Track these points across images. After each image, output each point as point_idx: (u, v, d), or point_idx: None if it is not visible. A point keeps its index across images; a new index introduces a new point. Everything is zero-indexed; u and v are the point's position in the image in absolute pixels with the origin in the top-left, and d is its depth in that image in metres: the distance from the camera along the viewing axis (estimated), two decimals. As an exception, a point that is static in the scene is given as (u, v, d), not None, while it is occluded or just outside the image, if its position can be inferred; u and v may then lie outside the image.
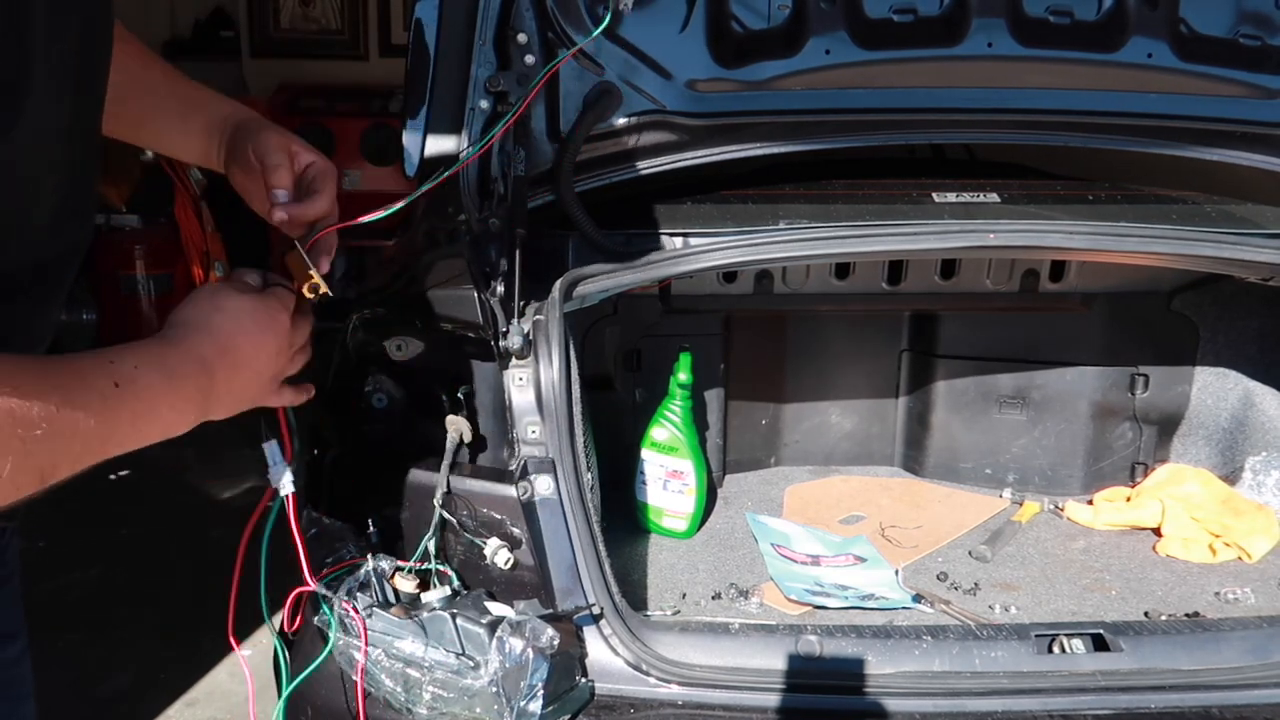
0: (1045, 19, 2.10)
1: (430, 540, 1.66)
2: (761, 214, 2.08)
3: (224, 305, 1.18)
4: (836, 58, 2.10)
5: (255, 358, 1.19)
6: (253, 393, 1.21)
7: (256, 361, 1.20)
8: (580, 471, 1.69)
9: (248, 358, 1.18)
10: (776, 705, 1.57)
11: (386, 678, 1.50)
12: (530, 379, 1.73)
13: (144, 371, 1.06)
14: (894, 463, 2.63)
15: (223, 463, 4.34)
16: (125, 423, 1.04)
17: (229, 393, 1.17)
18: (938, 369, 2.52)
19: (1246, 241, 2.04)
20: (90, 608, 3.40)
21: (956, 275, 2.39)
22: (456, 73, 1.89)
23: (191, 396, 1.12)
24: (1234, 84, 2.14)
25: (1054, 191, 2.29)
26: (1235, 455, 2.43)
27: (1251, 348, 2.43)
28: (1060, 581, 2.09)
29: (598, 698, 1.57)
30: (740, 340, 2.46)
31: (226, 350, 1.16)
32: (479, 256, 1.86)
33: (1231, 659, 1.65)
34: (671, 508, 2.24)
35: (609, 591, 1.63)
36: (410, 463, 1.76)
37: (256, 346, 1.19)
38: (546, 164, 2.00)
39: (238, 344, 1.17)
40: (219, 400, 1.16)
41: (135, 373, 1.05)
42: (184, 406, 1.12)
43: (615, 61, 2.00)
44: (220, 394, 1.16)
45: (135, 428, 1.06)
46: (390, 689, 1.50)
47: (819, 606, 1.95)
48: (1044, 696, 1.58)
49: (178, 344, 1.14)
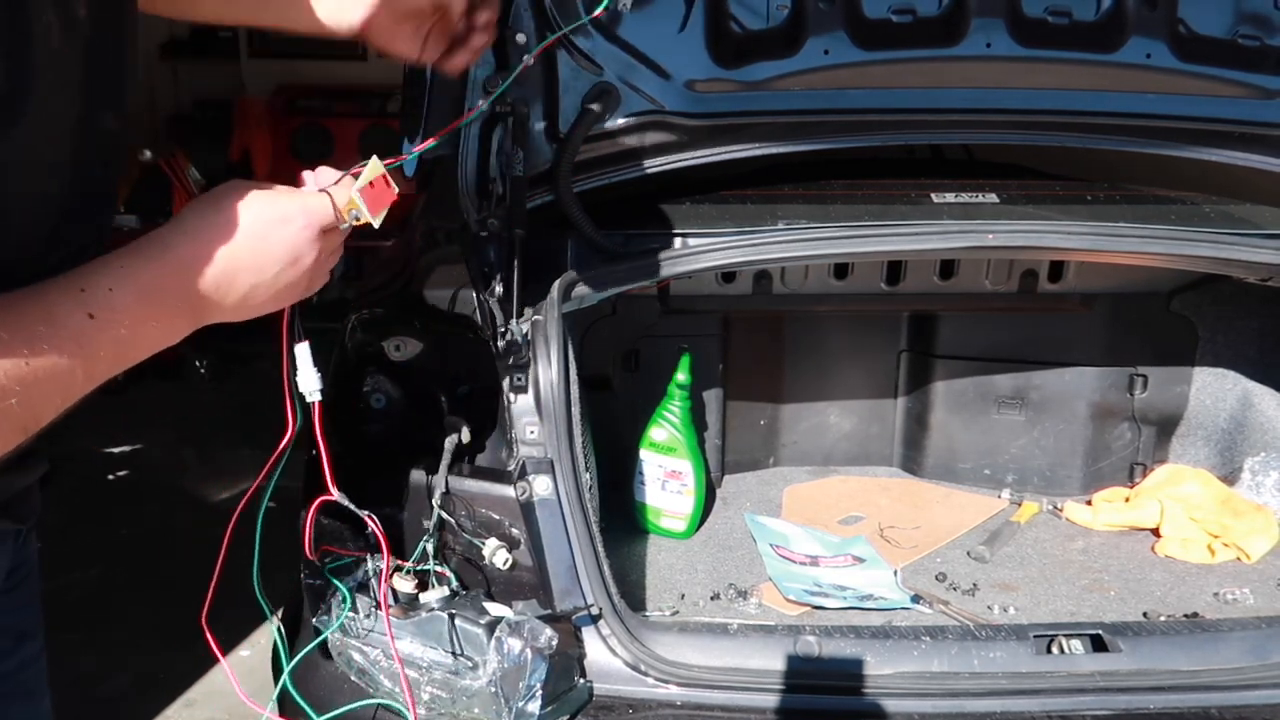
0: (1044, 19, 2.10)
1: (429, 541, 1.65)
2: (760, 214, 2.08)
3: (224, 204, 1.06)
4: (835, 58, 2.09)
5: (260, 268, 1.07)
6: (259, 301, 1.09)
7: (261, 272, 1.07)
8: (579, 472, 1.69)
9: (247, 263, 1.06)
10: (775, 706, 1.57)
11: (385, 678, 1.50)
12: (529, 379, 1.73)
13: (119, 294, 0.98)
14: (893, 463, 2.63)
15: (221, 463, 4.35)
16: (107, 352, 0.97)
17: (227, 299, 1.06)
18: (936, 369, 2.52)
19: (1245, 242, 2.04)
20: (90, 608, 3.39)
21: (955, 275, 2.39)
22: (455, 73, 1.89)
23: (178, 309, 1.03)
24: (1233, 84, 2.14)
25: (1053, 192, 2.29)
26: (1234, 456, 2.43)
27: (1250, 348, 2.43)
28: (1059, 582, 2.09)
29: (596, 698, 1.57)
30: (739, 341, 2.46)
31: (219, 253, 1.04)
32: (478, 257, 1.86)
33: (1230, 659, 1.65)
34: (670, 508, 2.24)
35: (608, 592, 1.63)
36: (409, 463, 1.76)
37: (261, 255, 1.07)
38: (545, 164, 1.99)
39: (235, 247, 1.05)
40: (214, 307, 1.05)
41: (110, 297, 0.97)
42: (170, 321, 1.03)
43: (614, 62, 1.99)
44: (215, 301, 1.05)
45: (119, 353, 0.99)
46: (389, 689, 1.50)
47: (818, 607, 1.95)
48: (1043, 697, 1.58)
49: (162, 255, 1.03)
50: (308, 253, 1.09)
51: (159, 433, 4.52)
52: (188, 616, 1.55)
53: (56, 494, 1.01)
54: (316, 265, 1.11)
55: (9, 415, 0.90)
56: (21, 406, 0.91)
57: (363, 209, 1.13)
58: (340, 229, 1.13)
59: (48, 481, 1.27)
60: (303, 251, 1.08)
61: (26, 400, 0.91)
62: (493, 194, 1.90)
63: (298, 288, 1.11)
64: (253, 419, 4.63)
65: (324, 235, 1.10)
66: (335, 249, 1.15)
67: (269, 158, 6.39)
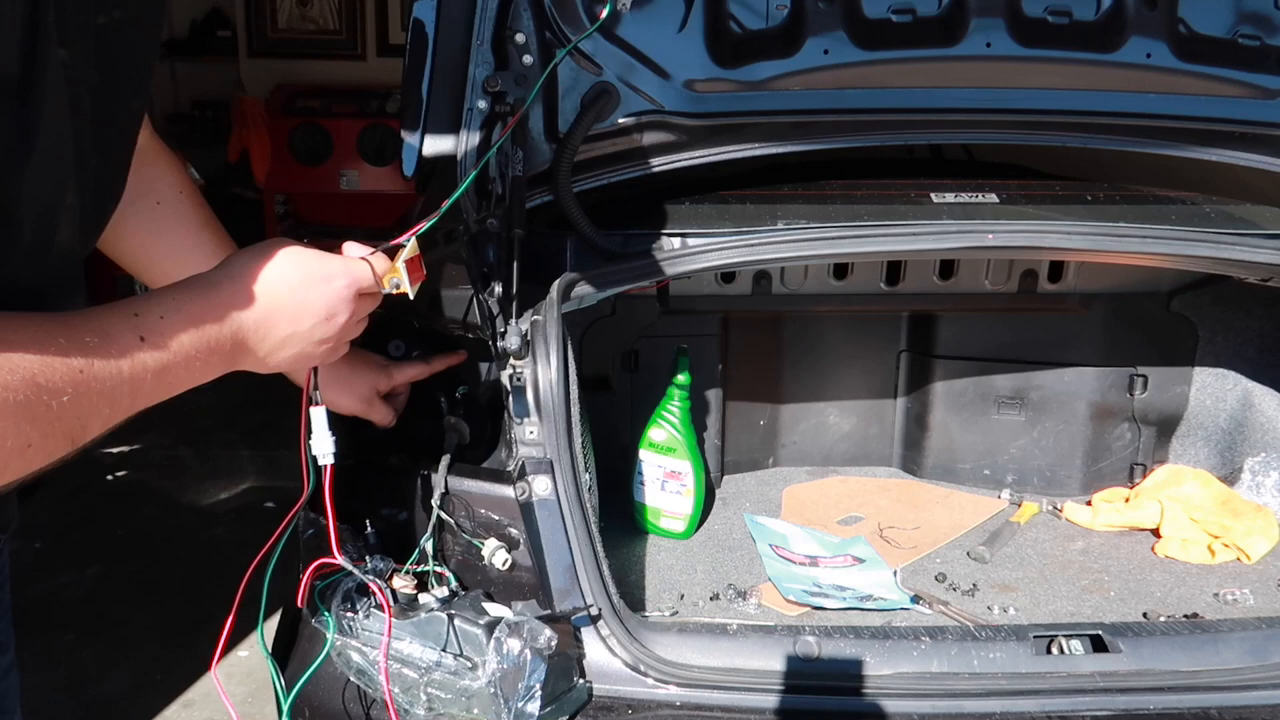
0: (1044, 19, 2.10)
1: (428, 541, 1.65)
2: (760, 214, 2.07)
3: (273, 257, 1.13)
4: (835, 58, 2.09)
5: (298, 318, 1.14)
6: (291, 352, 1.16)
7: (298, 322, 1.14)
8: (578, 472, 1.68)
9: (288, 317, 1.13)
10: (774, 706, 1.57)
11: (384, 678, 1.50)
12: (528, 379, 1.72)
13: (169, 322, 1.04)
14: (892, 463, 2.63)
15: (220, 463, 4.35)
16: (153, 378, 1.02)
17: (263, 344, 1.13)
18: (936, 369, 2.52)
19: (1245, 242, 2.04)
20: (87, 608, 3.40)
21: (955, 276, 2.39)
22: (454, 73, 1.89)
23: (218, 350, 1.08)
24: (1233, 84, 2.14)
25: (1052, 192, 2.29)
26: (1234, 456, 2.43)
27: (1250, 348, 2.43)
28: (1059, 582, 2.09)
29: (595, 698, 1.56)
30: (738, 341, 2.46)
31: (261, 298, 1.11)
32: (477, 257, 1.85)
33: (1230, 660, 1.64)
34: (669, 508, 2.24)
35: (607, 592, 1.62)
36: (408, 463, 1.75)
37: (300, 306, 1.14)
38: (544, 164, 1.99)
39: (277, 295, 1.12)
40: (250, 351, 1.12)
41: (161, 324, 1.03)
42: (210, 359, 1.08)
43: (613, 61, 1.99)
44: (252, 349, 1.12)
45: (162, 381, 1.03)
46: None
47: (817, 607, 1.95)
48: (1042, 698, 1.58)
49: (209, 292, 1.09)
50: (342, 311, 1.17)
51: (156, 434, 4.52)
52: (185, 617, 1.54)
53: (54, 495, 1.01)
54: (346, 325, 1.19)
55: (62, 415, 0.92)
56: (72, 409, 0.93)
57: (404, 278, 1.25)
58: (378, 293, 1.22)
59: (29, 493, 1.27)
60: (338, 309, 1.17)
61: (76, 405, 0.94)
62: (492, 194, 1.89)
63: (326, 344, 1.19)
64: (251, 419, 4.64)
65: (359, 298, 1.19)
66: (364, 316, 1.23)
67: (267, 157, 6.39)
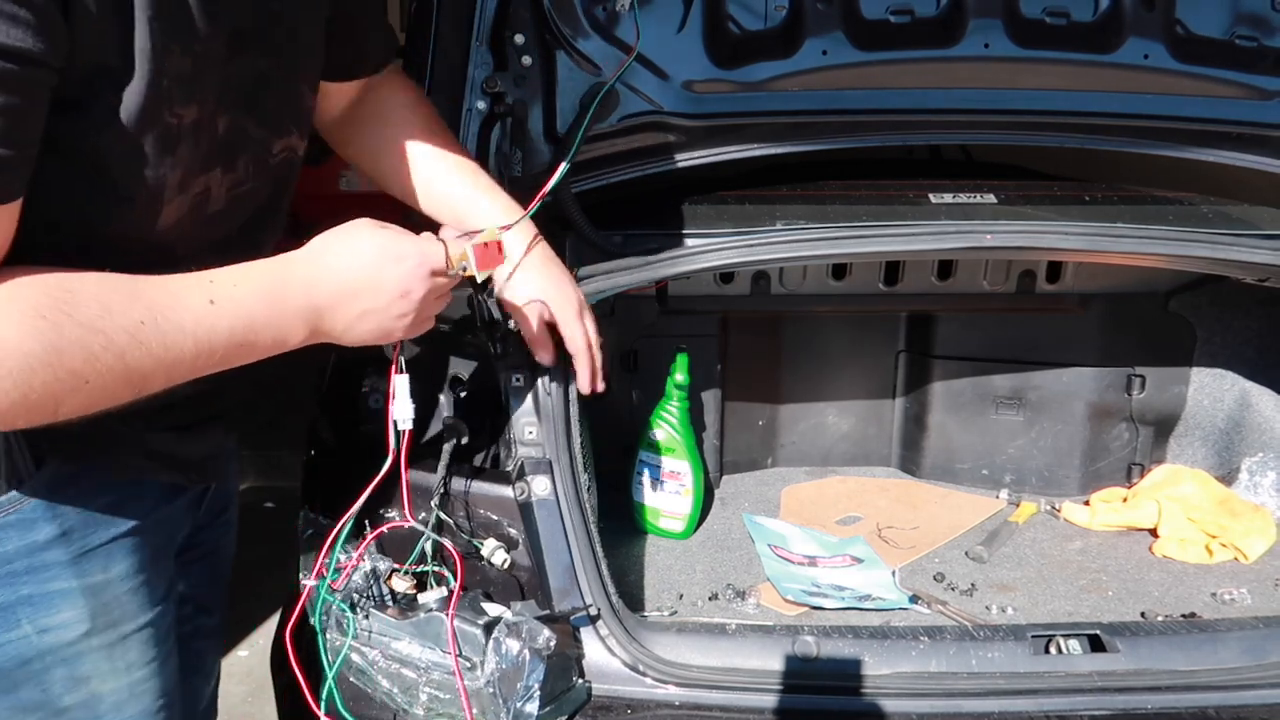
0: (1042, 20, 2.10)
1: (427, 541, 1.65)
2: (758, 215, 2.08)
3: (350, 235, 1.19)
4: (833, 59, 2.10)
5: (374, 294, 1.19)
6: (370, 326, 1.21)
7: (375, 298, 1.19)
8: (577, 472, 1.69)
9: (363, 292, 1.18)
10: (773, 706, 1.57)
11: (383, 678, 1.50)
12: (527, 379, 1.73)
13: (243, 290, 1.09)
14: (891, 463, 2.63)
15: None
16: (221, 339, 1.06)
17: (342, 317, 1.18)
18: (934, 370, 2.53)
19: (1242, 242, 2.04)
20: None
21: (953, 276, 2.39)
22: (453, 73, 1.89)
23: (294, 321, 1.14)
24: (1230, 85, 2.14)
25: (1051, 192, 2.29)
26: (1232, 456, 2.43)
27: (1248, 348, 2.43)
28: (1057, 582, 2.09)
29: (594, 698, 1.57)
30: (737, 341, 2.46)
31: (341, 274, 1.16)
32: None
33: (1228, 660, 1.65)
34: (668, 508, 2.24)
35: (606, 592, 1.62)
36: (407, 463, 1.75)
37: (375, 284, 1.18)
38: (544, 165, 2.00)
39: (355, 272, 1.17)
40: (330, 323, 1.17)
41: (234, 291, 1.08)
42: (288, 328, 1.13)
43: (612, 62, 2.00)
44: (331, 318, 1.17)
45: (234, 342, 1.08)
46: (387, 690, 1.50)
47: (816, 607, 1.95)
48: (1040, 697, 1.58)
49: (286, 266, 1.15)
50: (417, 289, 1.21)
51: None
52: (185, 617, 1.55)
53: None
54: (423, 303, 1.23)
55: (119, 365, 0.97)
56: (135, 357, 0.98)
57: (471, 261, 1.28)
58: (449, 274, 1.26)
59: None
60: (413, 287, 1.21)
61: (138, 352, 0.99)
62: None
63: (405, 318, 1.23)
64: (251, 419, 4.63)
65: (433, 277, 1.23)
66: (442, 294, 1.28)
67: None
